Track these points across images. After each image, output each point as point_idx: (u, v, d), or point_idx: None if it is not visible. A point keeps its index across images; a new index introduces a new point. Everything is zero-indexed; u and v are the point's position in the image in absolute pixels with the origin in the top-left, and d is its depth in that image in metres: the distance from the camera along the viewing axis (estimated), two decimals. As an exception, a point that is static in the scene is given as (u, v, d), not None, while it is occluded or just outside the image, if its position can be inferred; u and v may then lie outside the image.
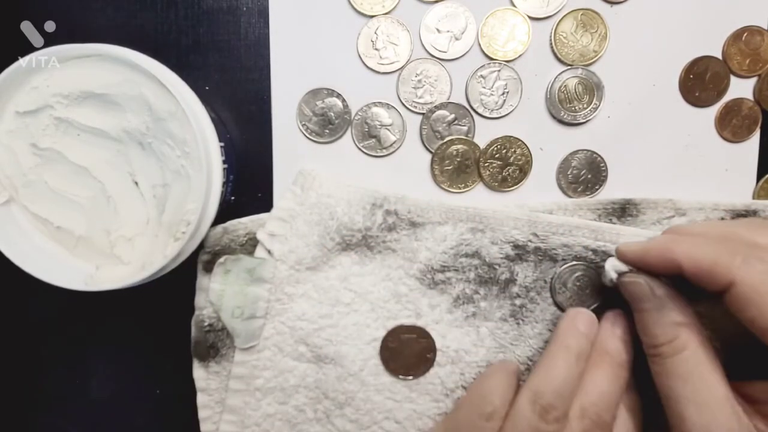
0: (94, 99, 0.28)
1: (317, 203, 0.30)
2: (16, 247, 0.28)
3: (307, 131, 0.31)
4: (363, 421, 0.30)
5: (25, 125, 0.28)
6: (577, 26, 0.30)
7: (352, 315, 0.30)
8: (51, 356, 0.33)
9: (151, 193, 0.28)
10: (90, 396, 0.33)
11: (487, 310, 0.30)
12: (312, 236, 0.30)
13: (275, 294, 0.30)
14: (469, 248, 0.30)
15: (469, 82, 0.31)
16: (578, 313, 0.28)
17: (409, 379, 0.30)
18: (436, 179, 0.31)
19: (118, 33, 0.31)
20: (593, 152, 0.31)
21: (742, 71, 0.30)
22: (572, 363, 0.26)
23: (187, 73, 0.30)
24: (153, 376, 0.33)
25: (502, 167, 0.31)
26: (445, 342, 0.30)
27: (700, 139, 0.31)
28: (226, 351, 0.31)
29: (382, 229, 0.30)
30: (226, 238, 0.31)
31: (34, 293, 0.32)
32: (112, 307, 0.33)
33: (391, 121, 0.31)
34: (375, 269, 0.31)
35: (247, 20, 0.31)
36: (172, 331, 0.32)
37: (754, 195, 0.31)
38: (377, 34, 0.30)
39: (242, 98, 0.31)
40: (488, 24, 0.30)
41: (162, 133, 0.27)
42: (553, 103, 0.31)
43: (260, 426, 0.31)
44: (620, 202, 0.30)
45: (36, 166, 0.28)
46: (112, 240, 0.29)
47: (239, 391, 0.30)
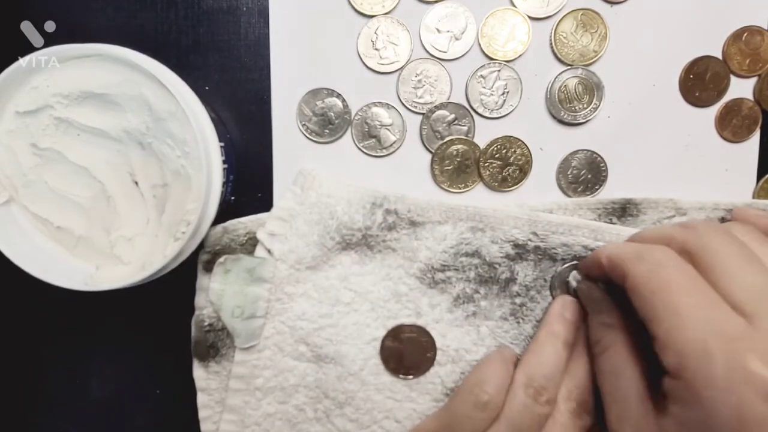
0: (94, 99, 0.28)
1: (317, 203, 0.30)
2: (16, 247, 0.28)
3: (307, 131, 0.31)
4: (363, 420, 0.30)
5: (25, 125, 0.28)
6: (577, 26, 0.30)
7: (353, 314, 0.31)
8: (51, 356, 0.33)
9: (151, 193, 0.28)
10: (90, 396, 0.33)
11: (487, 309, 0.30)
12: (312, 236, 0.30)
13: (275, 293, 0.30)
14: (469, 247, 0.30)
15: (469, 82, 0.31)
16: (565, 302, 0.29)
17: (410, 379, 0.30)
18: (436, 179, 0.31)
19: (118, 33, 0.31)
20: (593, 152, 0.31)
21: (742, 71, 0.30)
22: (560, 349, 0.28)
23: (187, 73, 0.30)
24: (153, 376, 0.33)
25: (502, 167, 0.31)
26: (446, 341, 0.30)
27: (700, 139, 0.31)
28: (226, 351, 0.31)
29: (382, 228, 0.30)
30: (226, 237, 0.31)
31: (34, 293, 0.32)
32: (112, 307, 0.33)
33: (391, 121, 0.31)
34: (375, 269, 0.31)
35: (247, 20, 0.31)
36: (172, 331, 0.32)
37: (754, 195, 0.31)
38: (377, 34, 0.30)
39: (242, 98, 0.31)
40: (488, 24, 0.30)
41: (162, 133, 0.27)
42: (553, 103, 0.31)
43: (260, 425, 0.31)
44: (621, 202, 0.30)
45: (36, 166, 0.28)
46: (112, 240, 0.29)
47: (239, 390, 0.30)
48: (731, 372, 0.20)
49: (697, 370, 0.21)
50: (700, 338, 0.21)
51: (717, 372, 0.21)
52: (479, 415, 0.27)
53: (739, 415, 0.20)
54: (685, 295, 0.22)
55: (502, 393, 0.27)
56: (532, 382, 0.27)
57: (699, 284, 0.23)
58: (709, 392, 0.21)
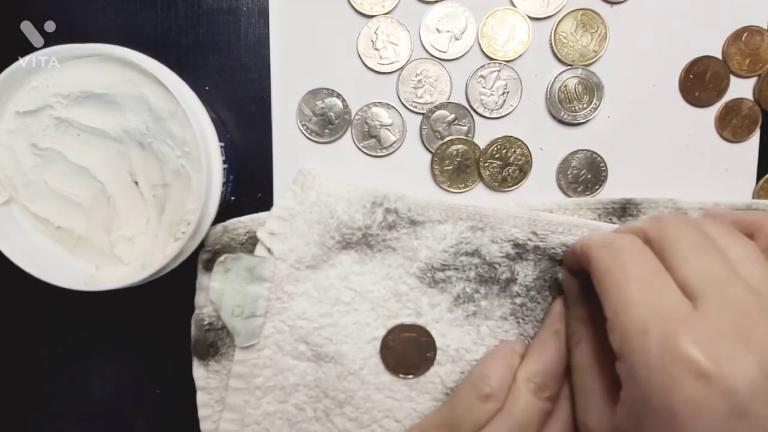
0: (94, 99, 0.28)
1: (317, 202, 0.30)
2: (16, 247, 0.28)
3: (307, 131, 0.31)
4: (363, 419, 0.30)
5: (25, 125, 0.28)
6: (577, 26, 0.30)
7: (352, 314, 0.31)
8: (51, 356, 0.33)
9: (151, 193, 0.28)
10: (90, 396, 0.33)
11: (487, 309, 0.30)
12: (312, 235, 0.30)
13: (275, 293, 0.30)
14: (469, 247, 0.30)
15: (469, 82, 0.31)
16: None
17: (409, 378, 0.31)
18: (436, 179, 0.31)
19: (118, 33, 0.31)
20: (593, 152, 0.31)
21: (742, 71, 0.30)
22: (562, 347, 0.28)
23: (187, 73, 0.30)
24: (153, 376, 0.33)
25: (502, 167, 0.31)
26: (446, 341, 0.30)
27: (700, 139, 0.31)
28: (226, 350, 0.31)
29: (382, 227, 0.30)
30: (227, 236, 0.31)
31: (34, 293, 0.32)
32: (112, 307, 0.33)
33: (391, 121, 0.31)
34: (375, 268, 0.31)
35: (247, 20, 0.31)
36: (172, 331, 0.32)
37: (754, 195, 0.31)
38: (377, 34, 0.30)
39: (242, 98, 0.31)
40: (488, 24, 0.30)
41: (162, 133, 0.27)
42: (553, 103, 0.31)
43: (260, 424, 0.31)
44: (621, 202, 0.30)
45: (36, 166, 0.28)
46: (112, 240, 0.29)
47: (239, 389, 0.30)
48: (664, 351, 0.21)
49: (636, 350, 0.21)
50: (642, 319, 0.21)
51: (652, 351, 0.21)
52: (481, 407, 0.27)
53: (670, 394, 0.20)
54: (637, 278, 0.23)
55: (504, 387, 0.28)
56: (534, 378, 0.27)
57: (654, 270, 0.23)
58: (644, 372, 0.21)
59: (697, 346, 0.20)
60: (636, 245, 0.24)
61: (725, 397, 0.20)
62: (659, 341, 0.21)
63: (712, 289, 0.22)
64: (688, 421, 0.20)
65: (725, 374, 0.20)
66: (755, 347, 0.20)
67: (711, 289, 0.22)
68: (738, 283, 0.22)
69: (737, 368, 0.20)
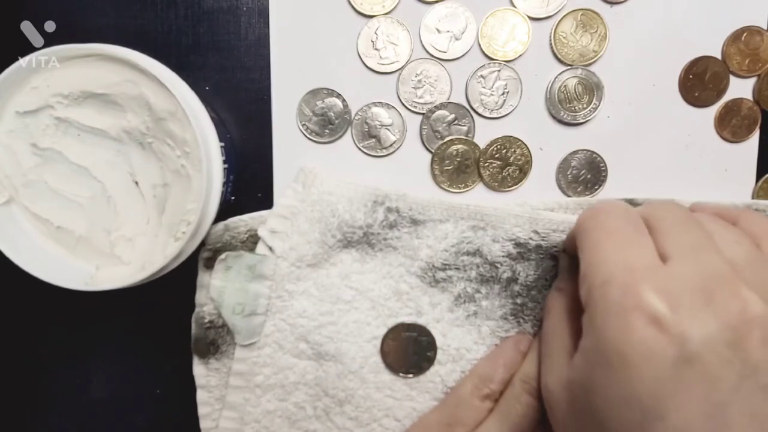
0: (94, 99, 0.28)
1: (318, 200, 0.30)
2: (16, 247, 0.28)
3: (307, 131, 0.31)
4: (363, 418, 0.30)
5: (25, 125, 0.28)
6: (576, 26, 0.30)
7: (353, 312, 0.31)
8: (51, 356, 0.33)
9: (151, 193, 0.28)
10: (90, 396, 0.33)
11: (488, 309, 0.30)
12: (313, 233, 0.30)
13: (276, 291, 0.30)
14: (470, 246, 0.30)
15: (469, 82, 0.31)
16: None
17: (410, 377, 0.31)
18: (436, 179, 0.31)
19: (118, 33, 0.31)
20: (593, 152, 0.31)
21: (742, 71, 0.30)
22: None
23: (187, 73, 0.30)
24: (153, 376, 0.33)
25: (502, 167, 0.31)
26: (446, 340, 0.30)
27: (700, 139, 0.31)
28: (226, 348, 0.31)
29: (383, 226, 0.30)
30: (227, 235, 0.31)
31: (34, 293, 0.32)
32: (112, 307, 0.33)
33: (391, 121, 0.31)
34: (376, 267, 0.31)
35: (247, 20, 0.31)
36: (172, 331, 0.32)
37: (753, 195, 0.31)
38: (377, 34, 0.30)
39: (242, 98, 0.31)
40: (488, 24, 0.30)
41: (162, 133, 0.27)
42: (553, 103, 0.31)
43: (260, 423, 0.31)
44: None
45: (36, 166, 0.28)
46: (112, 240, 0.29)
47: (239, 387, 0.30)
48: (624, 298, 0.21)
49: (598, 299, 0.21)
50: (610, 271, 0.22)
51: (612, 298, 0.21)
52: (481, 406, 0.28)
53: (623, 338, 0.20)
54: (615, 236, 0.23)
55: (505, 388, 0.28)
56: (530, 380, 0.28)
57: (635, 230, 0.23)
58: (602, 319, 0.21)
59: (657, 294, 0.20)
60: (621, 207, 0.24)
61: (676, 344, 0.20)
62: (621, 289, 0.21)
63: (688, 252, 0.22)
64: (637, 365, 0.20)
65: (680, 322, 0.20)
66: (718, 307, 0.20)
67: (687, 252, 0.22)
68: (717, 254, 0.22)
69: (694, 319, 0.20)
